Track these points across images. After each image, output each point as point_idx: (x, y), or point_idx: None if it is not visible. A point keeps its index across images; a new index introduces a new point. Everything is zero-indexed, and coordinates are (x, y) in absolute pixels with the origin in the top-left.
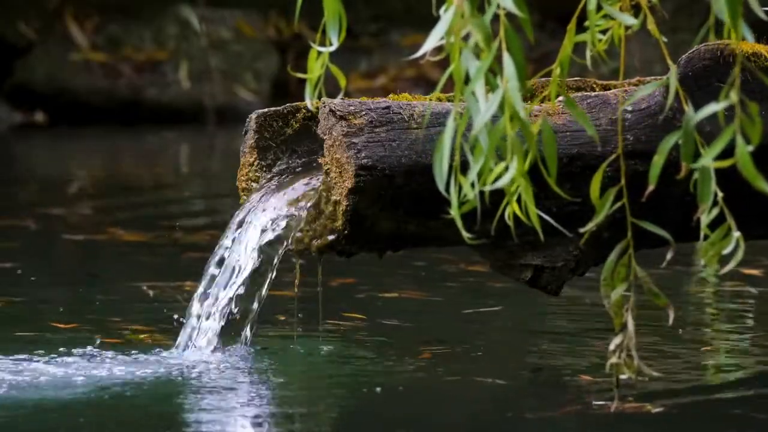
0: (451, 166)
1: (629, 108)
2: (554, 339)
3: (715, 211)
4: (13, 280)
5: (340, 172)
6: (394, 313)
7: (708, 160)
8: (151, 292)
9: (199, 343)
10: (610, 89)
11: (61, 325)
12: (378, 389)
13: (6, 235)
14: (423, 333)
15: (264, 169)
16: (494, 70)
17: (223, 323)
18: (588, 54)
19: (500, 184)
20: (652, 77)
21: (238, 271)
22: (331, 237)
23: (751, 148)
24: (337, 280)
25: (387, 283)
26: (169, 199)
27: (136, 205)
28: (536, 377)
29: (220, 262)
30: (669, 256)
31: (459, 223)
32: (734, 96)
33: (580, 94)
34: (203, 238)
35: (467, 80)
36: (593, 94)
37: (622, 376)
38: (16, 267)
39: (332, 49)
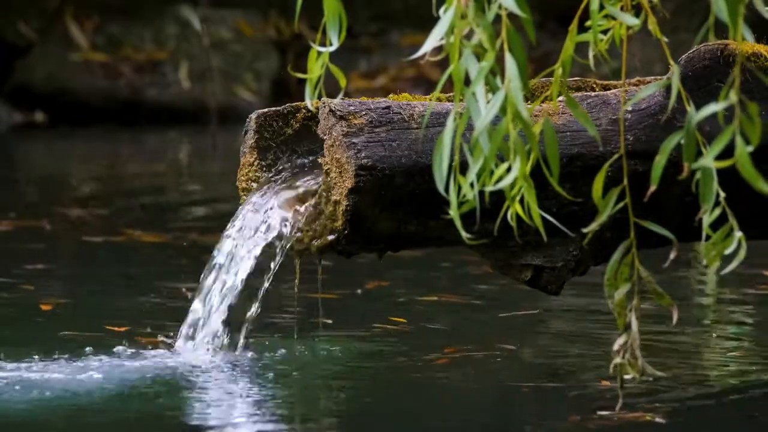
0: (450, 167)
1: (629, 108)
2: (587, 343)
3: (717, 211)
4: (53, 282)
5: (340, 172)
6: (435, 316)
7: (709, 160)
8: (189, 294)
9: (200, 343)
10: (610, 89)
11: (117, 328)
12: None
13: (27, 236)
14: (453, 337)
15: (264, 169)
16: (494, 71)
17: (223, 324)
18: (591, 54)
19: (503, 184)
20: (652, 77)
21: (239, 271)
22: (331, 237)
23: (750, 148)
24: (372, 283)
25: (423, 286)
26: (176, 200)
27: (146, 205)
28: (552, 381)
29: (221, 263)
30: (672, 255)
31: (458, 224)
32: (734, 96)
33: (580, 94)
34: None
35: (467, 81)
36: (593, 94)
37: (627, 376)
38: (50, 269)
39: (332, 49)
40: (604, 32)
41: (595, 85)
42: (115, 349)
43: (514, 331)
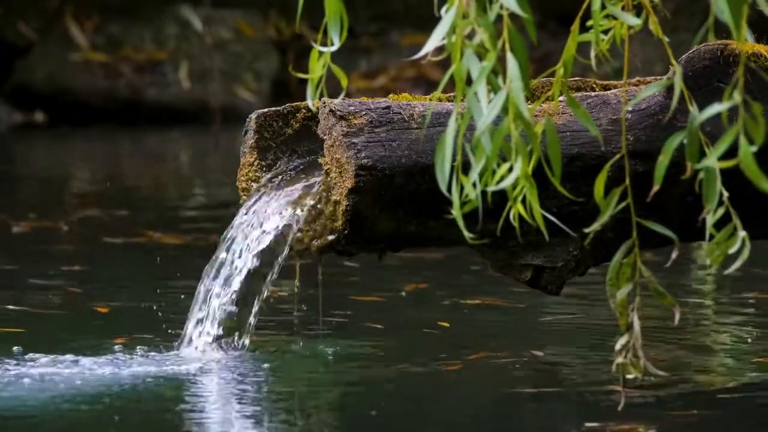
0: (452, 167)
1: (629, 108)
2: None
3: (721, 211)
4: (96, 284)
5: (340, 172)
6: (478, 320)
7: (712, 160)
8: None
9: (199, 343)
10: (610, 89)
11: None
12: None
13: (47, 237)
14: (486, 341)
15: (264, 169)
16: (496, 71)
17: (223, 323)
18: (592, 54)
19: (505, 184)
20: (652, 77)
21: (239, 272)
22: (331, 237)
23: (754, 148)
24: (410, 286)
25: (463, 289)
26: (185, 200)
27: (156, 206)
28: (558, 387)
29: (221, 263)
30: (674, 255)
31: (461, 223)
32: (738, 96)
33: (580, 94)
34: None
35: (469, 80)
36: (593, 94)
37: (629, 376)
38: (85, 271)
39: (334, 48)
40: (605, 32)
41: (595, 85)
42: (114, 350)
43: (550, 336)
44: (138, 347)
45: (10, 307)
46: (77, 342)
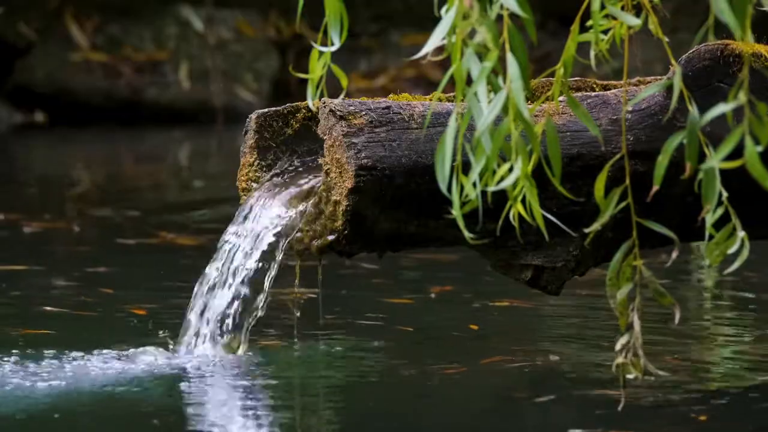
0: (452, 167)
1: (629, 108)
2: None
3: (720, 211)
4: (126, 285)
5: (340, 172)
6: (507, 323)
7: (716, 161)
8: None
9: (198, 344)
10: (610, 89)
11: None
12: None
13: (63, 238)
14: (505, 344)
15: (264, 169)
16: (496, 71)
17: (222, 324)
18: (592, 54)
19: (505, 184)
20: (652, 77)
21: (239, 272)
22: (331, 237)
23: (760, 148)
24: (437, 288)
25: (490, 291)
26: (191, 200)
27: (164, 207)
28: (558, 392)
29: (222, 263)
30: (674, 255)
31: (461, 224)
32: (743, 97)
33: (580, 94)
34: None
35: (469, 80)
36: (593, 94)
37: (629, 376)
38: (112, 272)
39: (334, 48)
40: (605, 32)
41: (595, 85)
42: (114, 350)
43: (569, 339)
44: (139, 347)
45: (48, 308)
46: (113, 344)
